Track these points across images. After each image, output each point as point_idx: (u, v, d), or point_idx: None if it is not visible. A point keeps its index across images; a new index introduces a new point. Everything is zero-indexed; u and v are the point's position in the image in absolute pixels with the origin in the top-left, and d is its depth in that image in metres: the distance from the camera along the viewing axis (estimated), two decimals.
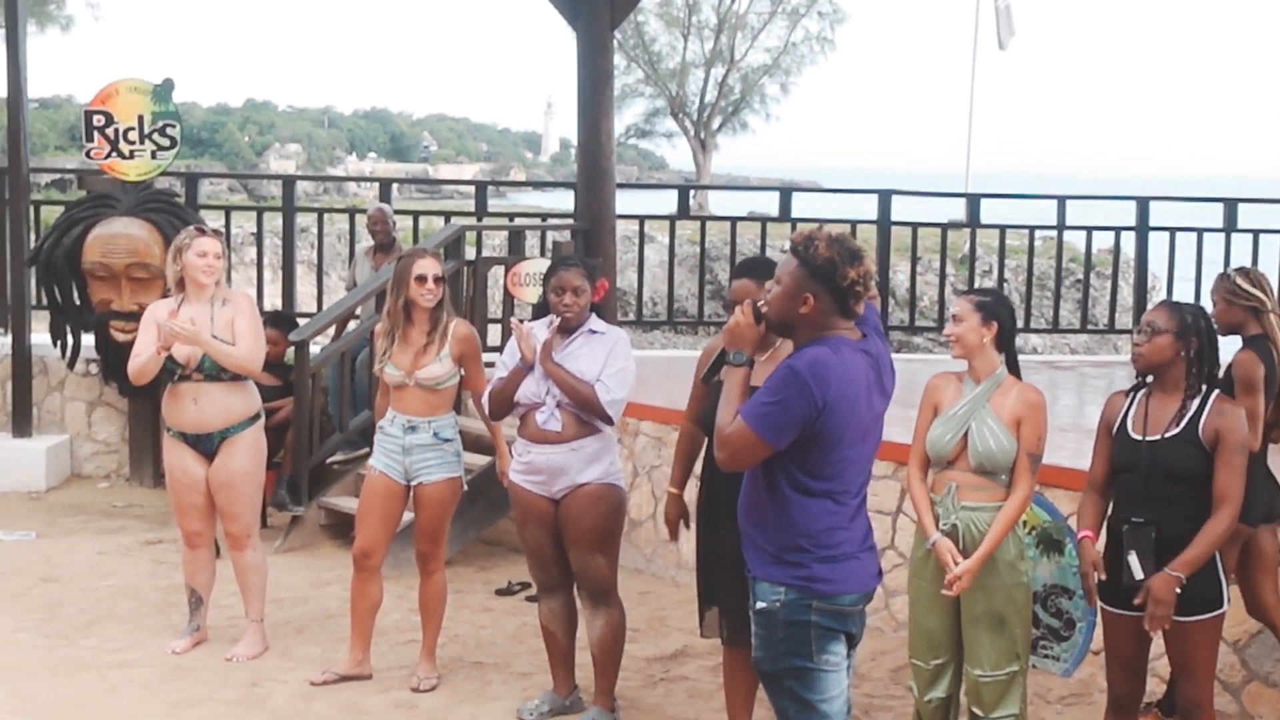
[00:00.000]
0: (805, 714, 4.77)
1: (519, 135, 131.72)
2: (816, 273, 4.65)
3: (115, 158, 11.22)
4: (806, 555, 4.69)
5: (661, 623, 8.46)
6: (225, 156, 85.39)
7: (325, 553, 9.75)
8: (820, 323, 4.69)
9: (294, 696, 7.10)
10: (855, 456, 4.74)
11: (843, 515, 4.74)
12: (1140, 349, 5.53)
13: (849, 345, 4.68)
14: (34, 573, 9.11)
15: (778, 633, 4.73)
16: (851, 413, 4.64)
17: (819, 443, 4.62)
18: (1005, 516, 5.66)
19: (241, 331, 7.43)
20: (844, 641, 4.81)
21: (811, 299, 4.66)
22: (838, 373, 4.58)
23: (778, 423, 4.56)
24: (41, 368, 11.93)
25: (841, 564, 4.73)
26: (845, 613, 4.76)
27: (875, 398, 4.78)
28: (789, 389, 4.54)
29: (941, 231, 14.10)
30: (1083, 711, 7.08)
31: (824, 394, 4.54)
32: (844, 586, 4.73)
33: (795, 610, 4.70)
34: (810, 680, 4.74)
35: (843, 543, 4.74)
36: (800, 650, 4.72)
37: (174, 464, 7.62)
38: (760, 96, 53.39)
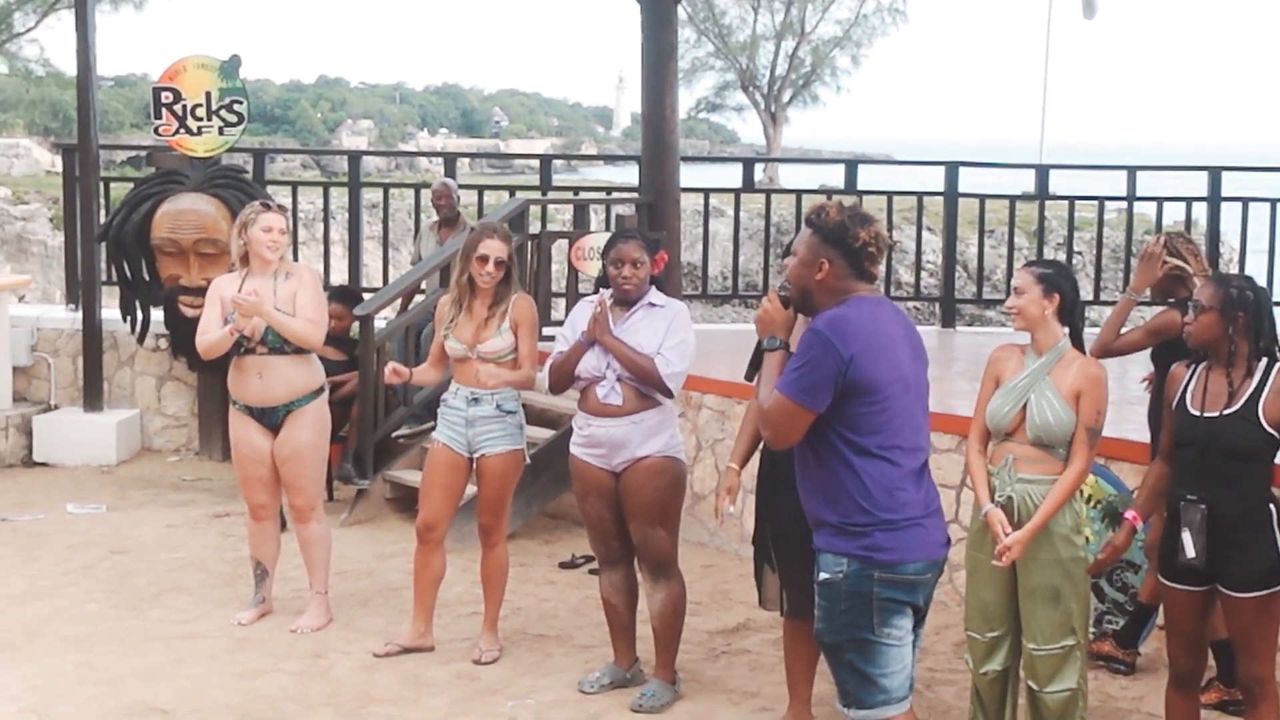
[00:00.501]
0: (865, 687, 4.75)
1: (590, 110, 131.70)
2: (829, 237, 4.77)
3: (183, 134, 11.33)
4: (868, 524, 4.68)
5: (724, 596, 8.46)
6: (298, 133, 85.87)
7: (390, 526, 9.81)
8: (838, 287, 4.77)
9: (357, 668, 7.16)
10: (901, 409, 4.73)
11: (902, 477, 4.73)
12: (1189, 327, 5.49)
13: (869, 302, 4.76)
14: (104, 545, 9.23)
15: (839, 604, 4.72)
16: (883, 361, 4.67)
17: (856, 395, 4.64)
18: (1060, 489, 5.61)
19: (303, 304, 7.48)
20: (909, 615, 4.77)
21: (826, 264, 4.77)
22: (857, 325, 4.65)
23: (808, 383, 4.61)
24: (112, 343, 12.05)
25: (904, 531, 4.70)
26: (911, 582, 4.73)
27: (911, 353, 4.83)
28: (813, 349, 4.61)
29: (1010, 203, 13.97)
30: (1148, 685, 7.02)
31: (847, 347, 4.60)
32: (908, 555, 4.70)
33: (857, 581, 4.69)
34: (871, 653, 4.72)
35: (904, 507, 4.72)
36: (862, 622, 4.70)
37: (240, 437, 7.69)
38: (831, 69, 53.24)
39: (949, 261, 13.53)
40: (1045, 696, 5.75)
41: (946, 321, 13.25)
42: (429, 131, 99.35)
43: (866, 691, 4.75)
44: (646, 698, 6.75)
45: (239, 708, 6.62)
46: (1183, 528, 5.38)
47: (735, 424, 9.35)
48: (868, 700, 4.76)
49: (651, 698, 6.75)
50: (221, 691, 6.80)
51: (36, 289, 28.88)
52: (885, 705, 4.75)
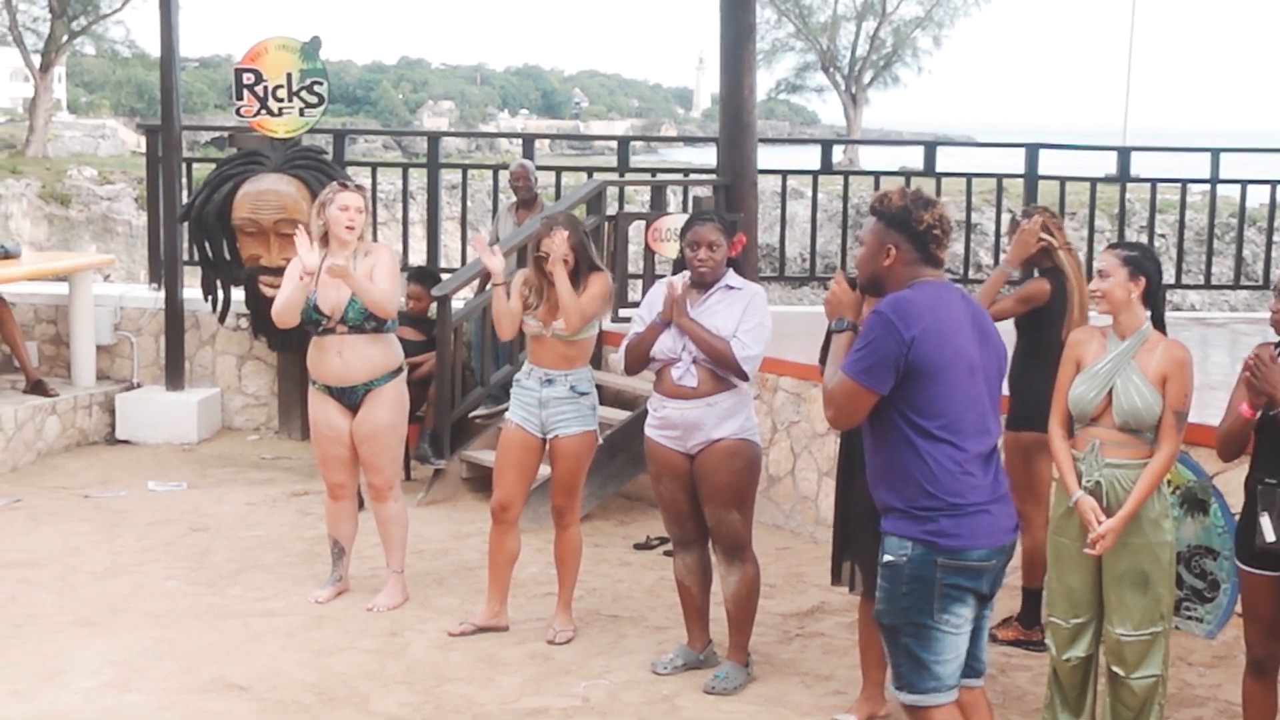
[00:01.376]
0: (917, 672, 4.75)
1: (670, 91, 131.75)
2: (893, 222, 4.79)
3: (264, 115, 11.39)
4: (934, 509, 4.67)
5: (799, 579, 8.44)
6: (380, 114, 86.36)
7: (466, 505, 9.86)
8: (905, 274, 4.79)
9: (432, 646, 7.20)
10: (965, 392, 4.72)
11: (968, 460, 4.70)
12: (1278, 315, 5.39)
13: (934, 285, 4.78)
14: (184, 522, 9.33)
15: (901, 587, 4.71)
16: (947, 343, 4.68)
17: (920, 376, 4.64)
18: (1151, 474, 5.55)
19: (378, 277, 7.50)
20: (971, 603, 4.75)
21: (894, 249, 4.79)
22: (920, 306, 4.67)
23: (870, 363, 4.63)
24: (193, 322, 12.17)
25: (970, 517, 4.68)
26: (975, 569, 4.70)
27: (977, 338, 4.81)
28: (876, 330, 4.63)
29: (1091, 186, 13.84)
30: (1226, 674, 6.94)
31: (909, 328, 4.61)
32: (973, 541, 4.68)
33: (921, 566, 4.68)
34: (928, 638, 4.71)
35: (971, 491, 4.70)
36: (922, 607, 4.69)
37: (319, 416, 7.74)
38: (912, 50, 52.93)
39: None
40: (1131, 682, 5.70)
41: None
42: (509, 112, 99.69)
43: (919, 676, 4.75)
44: (720, 680, 6.75)
45: (315, 685, 6.67)
46: (1261, 511, 5.31)
47: (810, 406, 9.34)
48: (919, 685, 4.75)
49: (725, 680, 6.75)
50: (298, 669, 6.86)
51: (121, 268, 29.28)
52: (935, 692, 4.75)
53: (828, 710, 6.51)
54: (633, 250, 11.79)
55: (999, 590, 4.94)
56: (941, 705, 4.76)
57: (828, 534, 7.67)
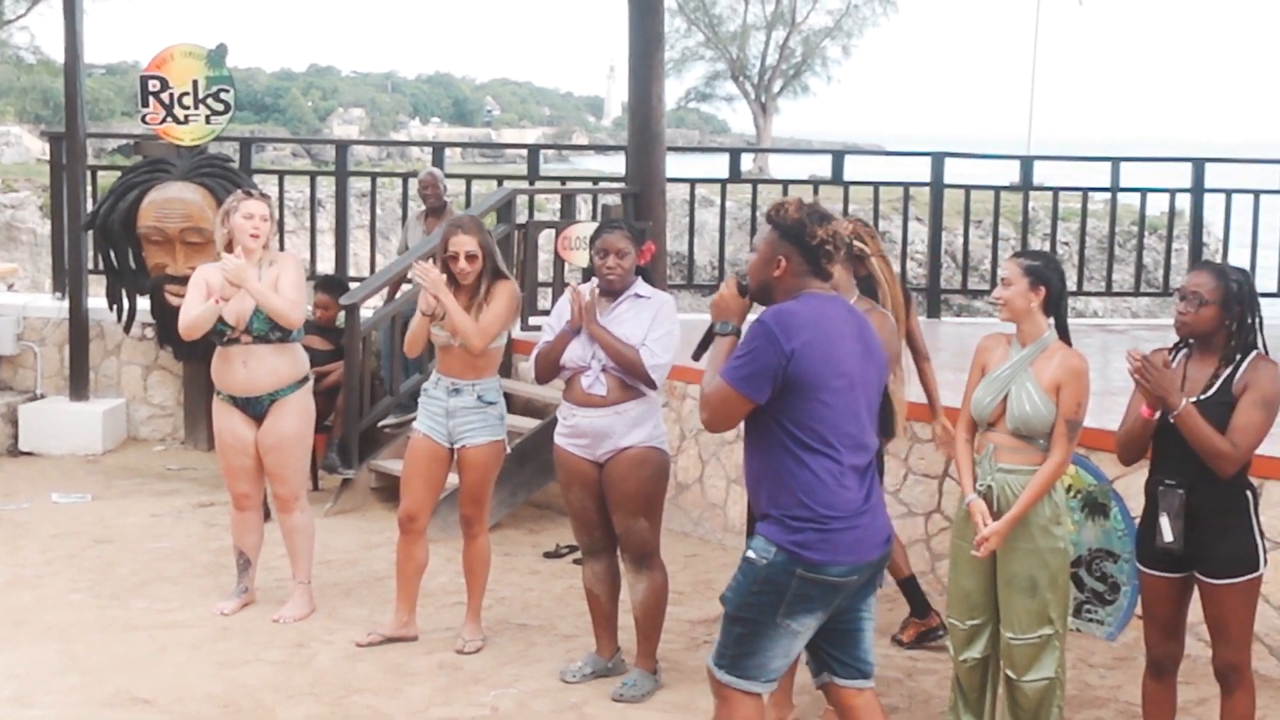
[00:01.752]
0: (744, 661, 4.80)
1: (582, 99, 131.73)
2: (786, 234, 4.83)
3: (170, 123, 11.32)
4: (805, 520, 4.70)
5: (707, 586, 8.47)
6: (289, 122, 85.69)
7: (375, 515, 9.83)
8: (794, 285, 4.83)
9: (340, 658, 7.17)
10: (844, 406, 4.75)
11: (844, 474, 4.74)
12: (1185, 318, 5.44)
13: (820, 298, 4.82)
14: (88, 534, 9.24)
15: (753, 585, 4.76)
16: (828, 358, 4.71)
17: (799, 389, 4.68)
18: (1039, 480, 5.63)
19: (283, 287, 7.47)
20: (819, 614, 4.79)
21: (784, 260, 4.83)
22: (804, 319, 4.70)
23: (749, 372, 4.67)
24: (98, 332, 12.06)
25: (838, 534, 4.72)
26: (832, 584, 4.75)
27: (859, 351, 4.83)
28: (757, 339, 4.67)
29: (995, 194, 13.99)
30: (1126, 675, 7.05)
31: (789, 340, 4.65)
32: (834, 558, 4.72)
33: (778, 571, 4.72)
34: (766, 636, 4.77)
35: (843, 505, 4.74)
36: (768, 607, 4.74)
37: (223, 427, 7.69)
38: (822, 59, 53.22)
39: (935, 252, 13.54)
40: (1023, 685, 5.77)
41: (932, 312, 13.27)
42: (420, 120, 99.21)
43: (743, 664, 4.80)
44: (628, 687, 6.77)
45: (221, 697, 6.63)
46: (1160, 513, 5.40)
47: None
48: (742, 671, 4.81)
49: (632, 687, 6.77)
50: (203, 681, 6.81)
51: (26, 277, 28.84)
52: (753, 681, 4.82)
53: None
54: (543, 258, 11.79)
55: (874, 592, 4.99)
56: (752, 694, 4.83)
57: (736, 541, 7.74)
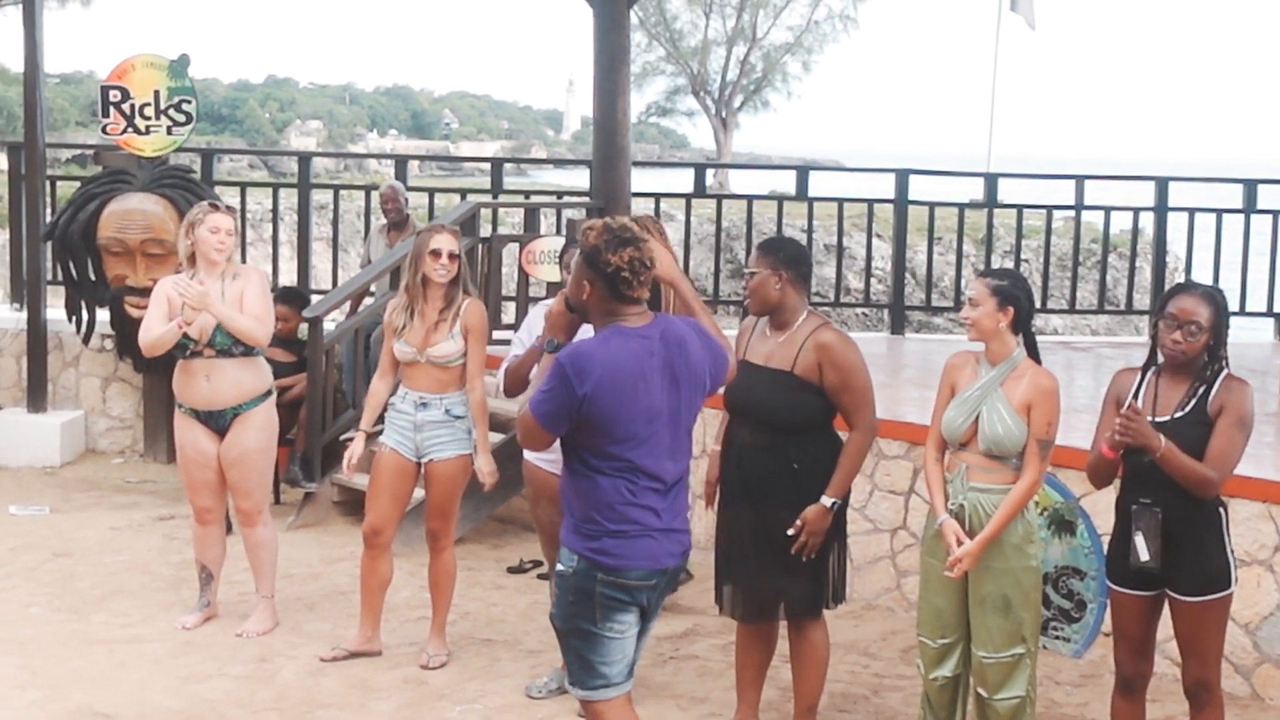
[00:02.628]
0: (586, 672, 5.01)
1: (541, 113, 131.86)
2: (587, 259, 4.89)
3: (131, 133, 11.24)
4: (598, 529, 4.90)
5: (673, 602, 8.39)
6: (246, 133, 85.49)
7: (337, 529, 9.76)
8: (604, 308, 4.92)
9: (303, 673, 7.11)
10: (644, 438, 4.87)
11: (637, 494, 4.90)
12: (1180, 346, 5.31)
13: (623, 334, 4.87)
14: (47, 547, 9.14)
15: (569, 595, 4.97)
16: (622, 397, 4.80)
17: (592, 429, 4.83)
18: (1011, 500, 5.62)
19: (249, 303, 7.43)
20: (633, 612, 4.99)
21: (588, 286, 4.91)
22: (600, 362, 4.78)
23: (547, 410, 4.82)
24: (57, 343, 11.96)
25: (633, 540, 4.91)
26: (632, 586, 4.94)
27: (664, 383, 4.91)
28: (555, 380, 4.80)
29: (959, 211, 14.02)
30: (1093, 692, 7.06)
31: (583, 385, 4.75)
32: (632, 562, 4.91)
33: (584, 579, 4.92)
34: (593, 643, 4.97)
35: (636, 519, 4.90)
36: (585, 615, 4.94)
37: (186, 440, 7.62)
38: (782, 75, 53.32)
39: (898, 269, 13.57)
40: (994, 704, 5.77)
41: (895, 328, 13.29)
42: (378, 133, 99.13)
43: (588, 675, 5.02)
44: None
45: (183, 713, 6.56)
46: (1135, 531, 5.39)
47: None
48: (589, 683, 5.02)
49: None
50: (165, 696, 6.74)
51: None
52: (604, 689, 5.02)
53: None
54: (506, 272, 11.75)
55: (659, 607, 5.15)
56: (610, 700, 5.04)
57: (699, 556, 7.69)
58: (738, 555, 6.22)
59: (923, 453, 7.96)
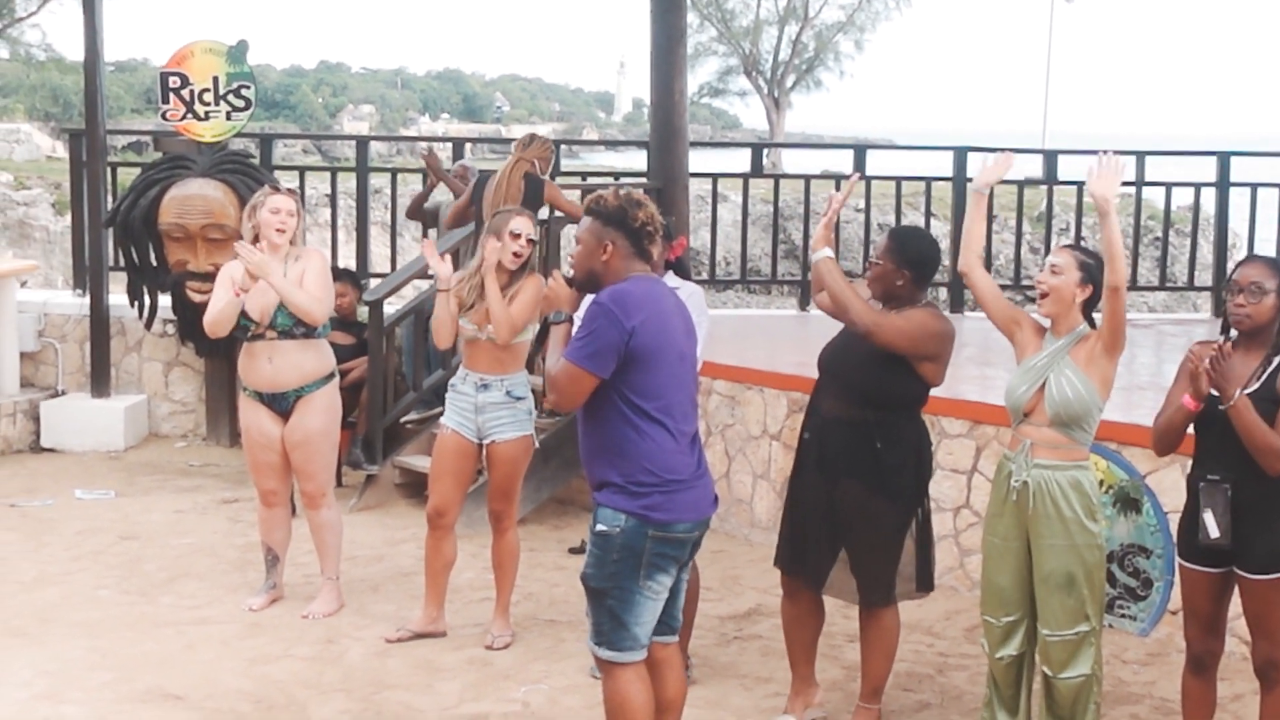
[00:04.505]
0: (618, 631, 5.15)
1: (592, 95, 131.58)
2: (610, 220, 5.20)
3: (190, 119, 11.31)
4: (650, 485, 5.05)
5: (735, 581, 8.45)
6: (299, 118, 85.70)
7: (400, 511, 9.80)
8: (622, 268, 5.20)
9: (369, 654, 7.15)
10: (678, 376, 5.15)
11: (678, 442, 5.12)
12: (1245, 309, 5.30)
13: (647, 279, 5.21)
14: (113, 531, 9.22)
15: (612, 555, 5.09)
16: (662, 332, 5.10)
17: (639, 361, 5.04)
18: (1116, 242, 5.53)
19: (309, 283, 7.46)
20: (672, 571, 5.19)
21: (610, 245, 5.20)
22: (639, 297, 5.08)
23: (593, 350, 5.01)
24: (119, 328, 12.04)
25: (678, 494, 5.10)
26: (680, 540, 5.15)
27: (682, 328, 5.25)
28: (598, 319, 5.03)
29: (1018, 188, 13.92)
30: (1160, 671, 7.02)
31: (630, 318, 5.01)
32: (681, 515, 5.11)
33: (633, 537, 5.07)
34: (631, 602, 5.13)
35: (680, 469, 5.11)
36: (630, 574, 5.10)
37: (250, 423, 7.67)
38: (835, 54, 53.06)
39: (956, 247, 13.44)
40: (1059, 682, 5.74)
41: (955, 307, 13.24)
42: (430, 117, 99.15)
43: (619, 636, 5.15)
44: None
45: (252, 694, 6.61)
46: (1204, 508, 5.34)
47: (745, 409, 9.35)
48: (619, 644, 5.16)
49: None
50: (234, 677, 6.80)
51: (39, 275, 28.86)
52: (631, 650, 5.17)
53: (767, 713, 6.51)
54: (564, 254, 11.75)
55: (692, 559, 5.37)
56: (632, 663, 5.19)
57: (762, 536, 7.72)
58: (798, 512, 6.23)
59: (985, 431, 7.97)
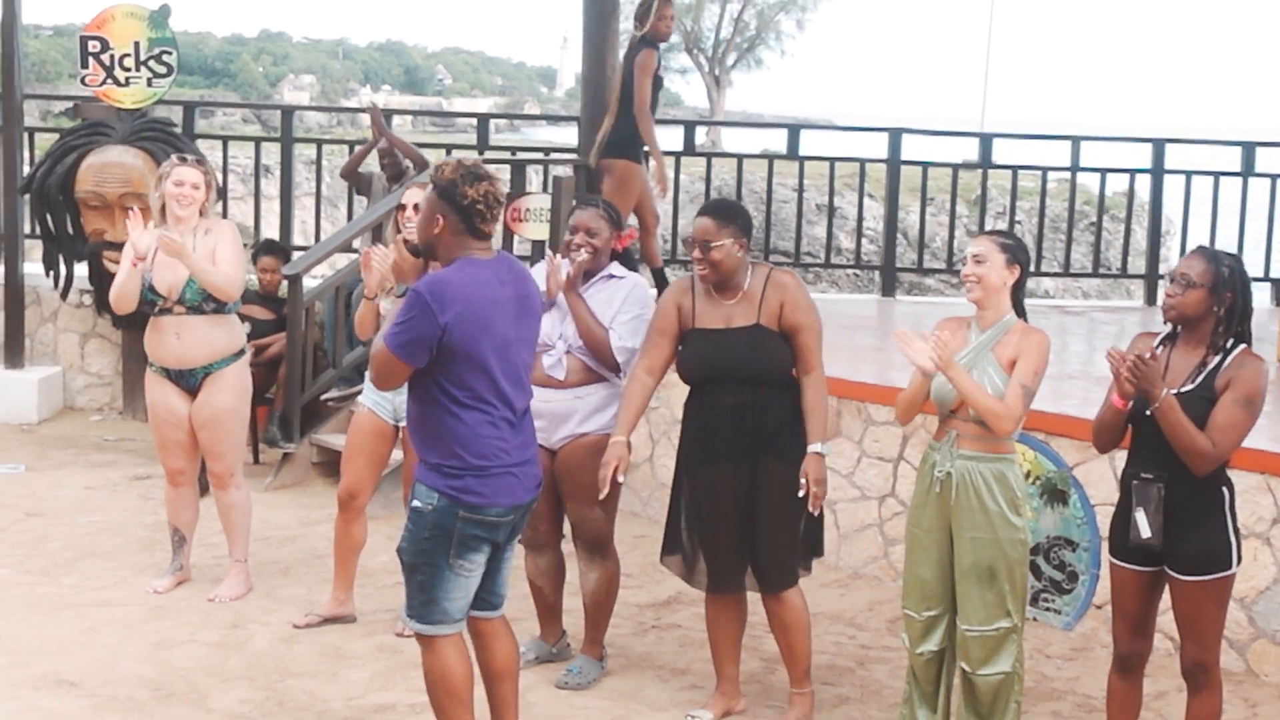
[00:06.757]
0: (428, 606, 5.18)
1: (535, 70, 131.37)
2: (442, 194, 5.09)
3: (110, 85, 11.03)
4: (460, 467, 5.07)
5: (655, 569, 8.22)
6: (239, 87, 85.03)
7: (316, 491, 9.59)
8: (453, 243, 5.12)
9: (276, 639, 6.96)
10: (499, 365, 5.08)
11: (495, 429, 5.10)
12: (1172, 300, 5.24)
13: (475, 264, 5.10)
14: (19, 507, 8.98)
15: (424, 531, 5.12)
16: (480, 324, 5.02)
17: (453, 354, 4.99)
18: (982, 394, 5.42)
19: (222, 258, 7.25)
20: (485, 550, 5.20)
21: (441, 220, 5.11)
22: (458, 290, 4.99)
23: (406, 339, 4.98)
24: (34, 298, 11.74)
25: (495, 478, 5.11)
26: (492, 523, 5.16)
27: (513, 313, 5.15)
28: (414, 310, 4.97)
29: (953, 172, 13.81)
30: (1084, 666, 6.92)
31: (443, 313, 4.94)
32: (494, 500, 5.12)
33: (444, 516, 5.09)
34: (441, 579, 5.14)
35: (497, 455, 5.10)
36: (440, 551, 5.11)
37: (156, 400, 7.45)
38: (776, 33, 53.17)
39: (890, 229, 13.35)
40: (978, 679, 5.61)
41: (887, 290, 13.09)
42: (372, 88, 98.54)
43: (428, 610, 5.19)
44: (573, 674, 6.58)
45: (151, 680, 6.41)
46: (1136, 507, 5.22)
47: (669, 392, 9.17)
48: (428, 617, 5.20)
49: (578, 674, 6.58)
50: (134, 662, 6.59)
51: None
52: (441, 624, 5.20)
53: (683, 705, 6.37)
54: None
55: (515, 540, 5.40)
56: (447, 635, 5.22)
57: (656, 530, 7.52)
58: (710, 522, 6.07)
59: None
